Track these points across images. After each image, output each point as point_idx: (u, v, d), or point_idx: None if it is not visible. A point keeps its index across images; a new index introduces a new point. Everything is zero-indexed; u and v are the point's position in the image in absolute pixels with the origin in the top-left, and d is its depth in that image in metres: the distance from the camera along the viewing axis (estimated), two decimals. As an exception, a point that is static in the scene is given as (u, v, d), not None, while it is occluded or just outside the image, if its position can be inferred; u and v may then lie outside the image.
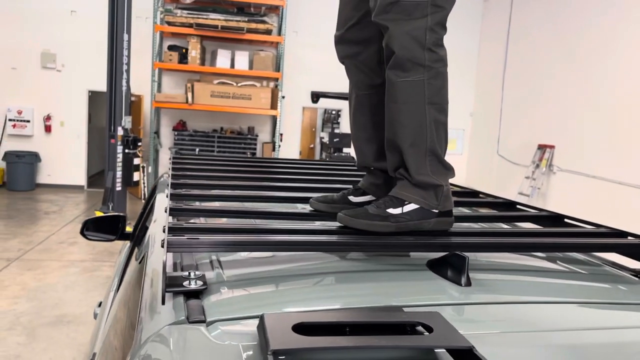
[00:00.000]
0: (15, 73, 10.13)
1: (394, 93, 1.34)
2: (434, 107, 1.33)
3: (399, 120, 1.34)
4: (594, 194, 7.75)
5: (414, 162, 1.34)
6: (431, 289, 1.07)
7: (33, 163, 10.24)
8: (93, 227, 2.95)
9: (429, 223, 1.31)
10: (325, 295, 1.04)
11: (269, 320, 0.74)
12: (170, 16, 9.67)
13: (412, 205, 1.31)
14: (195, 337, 0.81)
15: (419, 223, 1.30)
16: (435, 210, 1.32)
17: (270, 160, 2.84)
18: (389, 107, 1.37)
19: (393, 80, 1.33)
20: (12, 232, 7.34)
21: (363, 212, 1.29)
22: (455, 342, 0.71)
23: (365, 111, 1.55)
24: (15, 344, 4.16)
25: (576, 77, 8.27)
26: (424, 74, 1.31)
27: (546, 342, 0.89)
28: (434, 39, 1.32)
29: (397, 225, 1.27)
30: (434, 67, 1.32)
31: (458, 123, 11.41)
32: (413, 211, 1.30)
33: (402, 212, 1.30)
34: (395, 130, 1.35)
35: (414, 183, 1.33)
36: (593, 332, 0.94)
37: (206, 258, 1.19)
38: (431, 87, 1.32)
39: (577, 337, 0.91)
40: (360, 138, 1.58)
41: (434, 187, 1.33)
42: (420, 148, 1.33)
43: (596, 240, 1.35)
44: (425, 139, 1.33)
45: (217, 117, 10.64)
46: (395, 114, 1.35)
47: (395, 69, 1.33)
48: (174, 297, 0.97)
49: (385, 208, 1.29)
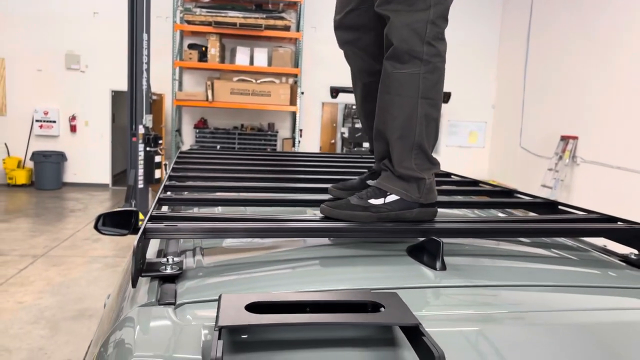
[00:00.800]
0: (41, 75, 10.37)
1: (388, 84, 1.34)
2: (427, 101, 1.33)
3: (389, 111, 1.34)
4: (619, 185, 7.58)
5: (399, 154, 1.34)
6: (405, 274, 1.08)
7: (59, 162, 10.48)
8: (106, 221, 3.03)
9: (411, 213, 1.31)
10: (300, 281, 1.06)
11: (224, 300, 0.77)
12: (190, 15, 9.78)
13: (393, 196, 1.31)
14: (161, 318, 0.84)
15: (400, 213, 1.31)
16: (417, 202, 1.33)
17: (276, 154, 2.86)
18: (382, 97, 1.37)
19: (389, 71, 1.33)
20: (39, 230, 7.54)
21: (345, 202, 1.30)
22: (404, 320, 0.72)
23: (372, 99, 1.53)
24: (39, 337, 4.29)
25: (598, 66, 8.09)
26: (421, 68, 1.30)
27: (513, 321, 0.89)
28: (434, 32, 1.31)
29: (378, 215, 1.28)
30: (431, 61, 1.31)
31: (480, 115, 11.28)
32: (394, 202, 1.31)
33: (384, 202, 1.30)
34: (385, 121, 1.35)
35: (397, 175, 1.33)
36: (566, 313, 0.94)
37: (190, 246, 1.22)
38: (426, 81, 1.31)
39: (547, 317, 0.92)
40: (370, 126, 1.58)
41: (417, 180, 1.33)
42: (407, 141, 1.33)
43: (582, 225, 1.34)
44: (414, 133, 1.32)
45: (238, 114, 10.73)
46: (387, 104, 1.35)
47: (392, 59, 1.32)
48: (151, 281, 1.01)
49: (367, 199, 1.30)
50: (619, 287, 1.11)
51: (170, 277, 1.00)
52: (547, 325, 0.88)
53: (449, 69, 1.40)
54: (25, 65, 10.29)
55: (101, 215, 3.24)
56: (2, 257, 6.18)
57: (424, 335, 0.69)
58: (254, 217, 1.23)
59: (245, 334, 0.77)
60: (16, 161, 10.42)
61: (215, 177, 1.84)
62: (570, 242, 1.38)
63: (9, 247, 6.59)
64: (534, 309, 0.95)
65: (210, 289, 1.00)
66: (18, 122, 10.43)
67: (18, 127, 10.43)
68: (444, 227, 1.23)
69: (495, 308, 0.96)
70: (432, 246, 1.10)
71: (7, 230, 7.39)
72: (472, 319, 0.90)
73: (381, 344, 0.77)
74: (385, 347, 0.76)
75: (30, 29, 10.20)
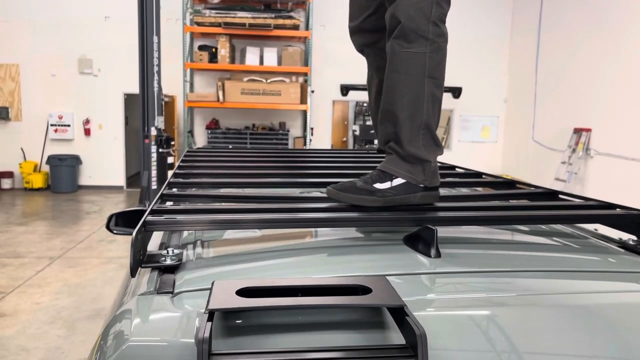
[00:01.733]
0: (54, 80, 10.52)
1: (396, 62, 1.36)
2: (433, 81, 1.36)
3: (398, 89, 1.36)
4: (634, 177, 7.50)
5: (408, 133, 1.35)
6: (399, 262, 1.10)
7: (74, 166, 10.63)
8: (118, 221, 3.09)
9: (415, 197, 1.33)
10: (296, 270, 1.09)
11: (217, 285, 0.79)
12: (199, 16, 9.85)
13: (399, 179, 1.33)
14: (158, 305, 0.87)
15: (405, 197, 1.32)
16: (422, 185, 1.34)
17: (283, 151, 2.89)
18: (390, 77, 1.39)
19: (396, 50, 1.36)
20: (56, 232, 7.65)
21: (351, 185, 1.31)
22: (389, 301, 0.74)
23: None
24: (56, 336, 4.37)
25: (610, 57, 8.01)
26: (427, 47, 1.34)
27: (505, 305, 0.90)
28: (439, 13, 1.35)
29: (384, 199, 1.30)
30: (436, 41, 1.35)
31: (492, 110, 11.21)
32: (399, 186, 1.33)
33: (390, 186, 1.32)
34: (394, 100, 1.37)
35: (403, 156, 1.35)
36: (560, 297, 0.95)
37: (191, 239, 1.25)
38: (432, 60, 1.34)
39: (541, 300, 0.93)
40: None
41: (422, 162, 1.35)
42: (416, 120, 1.35)
43: (579, 212, 1.34)
44: (422, 111, 1.35)
45: (249, 114, 10.79)
46: (395, 83, 1.37)
47: (399, 38, 1.35)
48: (151, 272, 1.04)
49: (372, 183, 1.32)
50: (615, 272, 1.11)
51: (169, 268, 1.03)
52: (541, 308, 0.89)
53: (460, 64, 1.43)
54: (39, 70, 10.45)
55: (113, 215, 3.31)
56: (20, 259, 6.29)
57: (408, 315, 0.71)
58: (253, 209, 1.26)
59: (239, 319, 0.79)
60: (32, 165, 10.58)
61: (220, 174, 1.87)
62: (568, 230, 1.39)
63: (27, 249, 6.71)
64: (527, 293, 0.96)
65: (208, 278, 1.02)
66: (33, 126, 10.60)
67: (33, 131, 10.60)
68: (440, 216, 1.25)
69: (488, 293, 0.97)
70: (427, 234, 1.11)
71: (25, 233, 7.52)
72: (463, 303, 0.91)
73: (370, 327, 0.79)
74: (374, 330, 0.78)
75: (43, 34, 10.35)
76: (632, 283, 1.06)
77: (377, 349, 0.69)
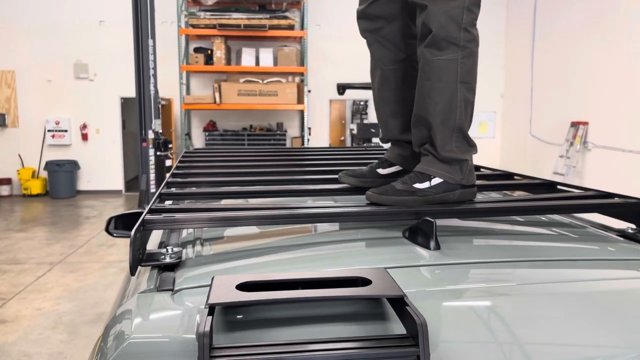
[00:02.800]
0: (50, 85, 10.51)
1: (429, 71, 1.38)
2: (465, 85, 1.38)
3: (431, 97, 1.38)
4: (632, 168, 7.51)
5: (442, 138, 1.38)
6: (399, 255, 1.10)
7: (73, 171, 10.61)
8: (117, 224, 3.09)
9: (454, 194, 1.36)
10: (296, 265, 1.08)
11: (217, 280, 0.79)
12: (194, 19, 9.84)
13: (437, 179, 1.35)
14: (159, 303, 0.87)
15: (444, 195, 1.35)
16: (460, 183, 1.37)
17: (281, 150, 2.88)
18: (422, 84, 1.40)
19: (428, 58, 1.37)
20: (55, 238, 7.65)
21: (390, 188, 1.33)
22: (389, 292, 0.74)
23: (392, 85, 1.58)
24: (58, 341, 4.36)
25: (606, 50, 8.02)
26: (458, 53, 1.35)
27: (505, 294, 0.90)
28: (470, 18, 1.36)
29: (424, 199, 1.32)
30: (468, 46, 1.36)
31: (489, 106, 11.21)
32: (438, 185, 1.35)
33: (429, 186, 1.34)
34: (427, 107, 1.39)
35: (440, 159, 1.37)
36: (561, 285, 0.96)
37: (191, 237, 1.25)
38: (464, 66, 1.36)
39: (541, 289, 0.93)
40: (385, 112, 1.62)
41: (459, 162, 1.38)
42: (449, 125, 1.37)
43: (577, 202, 1.34)
44: (455, 116, 1.37)
45: (246, 115, 10.78)
46: (428, 91, 1.39)
47: (431, 47, 1.36)
48: (151, 270, 1.04)
49: (411, 183, 1.34)
50: (615, 260, 1.11)
51: (169, 266, 1.03)
52: (541, 297, 0.89)
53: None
54: (35, 76, 10.43)
55: (112, 217, 3.31)
56: (20, 265, 6.29)
57: (408, 305, 0.71)
58: (252, 207, 1.26)
59: (239, 314, 0.79)
60: (30, 171, 10.57)
61: (217, 173, 1.86)
62: (567, 220, 1.39)
63: (27, 255, 6.70)
64: (527, 282, 0.96)
65: (208, 275, 1.02)
66: (30, 132, 10.59)
67: (31, 137, 10.59)
68: (439, 209, 1.25)
69: (488, 283, 0.97)
70: (426, 226, 1.11)
71: (25, 239, 7.51)
72: (463, 294, 0.91)
73: (371, 318, 0.79)
74: (375, 321, 0.78)
75: (38, 40, 10.33)
76: (632, 270, 1.06)
77: (377, 339, 0.69)
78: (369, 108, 11.64)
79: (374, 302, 0.81)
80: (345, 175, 1.53)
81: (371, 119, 11.32)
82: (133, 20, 7.21)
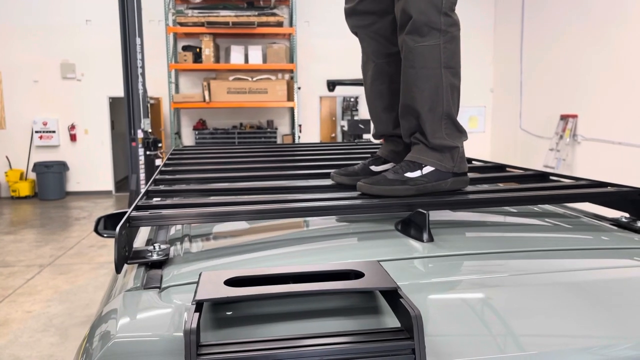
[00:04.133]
0: (37, 86, 10.40)
1: (412, 58, 1.36)
2: (450, 70, 1.37)
3: (417, 85, 1.37)
4: (621, 160, 7.55)
5: (431, 125, 1.36)
6: (392, 248, 1.08)
7: (61, 172, 10.51)
8: (106, 224, 3.06)
9: (446, 183, 1.34)
10: (286, 261, 1.06)
11: (204, 276, 0.77)
12: (182, 17, 9.77)
13: (428, 167, 1.34)
14: (145, 301, 0.84)
15: (437, 184, 1.33)
16: (451, 171, 1.35)
17: (273, 146, 2.86)
18: (407, 73, 1.39)
19: (411, 46, 1.36)
20: (45, 240, 7.57)
21: (382, 178, 1.32)
22: (382, 284, 0.72)
23: (385, 79, 1.57)
24: (49, 344, 4.31)
25: (594, 43, 8.04)
26: (440, 39, 1.34)
27: (500, 285, 0.89)
28: (449, 3, 1.35)
29: (416, 187, 1.30)
30: (449, 31, 1.35)
31: (479, 100, 11.24)
32: (430, 173, 1.33)
33: (421, 174, 1.32)
34: (413, 95, 1.38)
35: (431, 147, 1.36)
36: (556, 275, 0.94)
37: (179, 234, 1.22)
38: (447, 51, 1.35)
39: (537, 279, 0.91)
40: (379, 107, 1.60)
41: (450, 150, 1.36)
42: (437, 112, 1.36)
43: (570, 191, 1.33)
44: (442, 102, 1.36)
45: (236, 113, 10.73)
46: (413, 78, 1.37)
47: (412, 34, 1.35)
48: (138, 268, 1.01)
49: (403, 172, 1.32)
50: (610, 249, 1.10)
51: (156, 264, 1.00)
52: (536, 287, 0.88)
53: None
54: (21, 77, 10.31)
55: (101, 218, 3.27)
56: (9, 268, 6.21)
57: (402, 297, 0.69)
58: (241, 201, 1.23)
59: (229, 310, 0.77)
60: (18, 173, 10.45)
61: (206, 170, 1.84)
62: (561, 211, 1.38)
63: (16, 258, 6.62)
64: (522, 273, 0.95)
65: (196, 272, 1.00)
66: (18, 134, 10.47)
67: (18, 139, 10.47)
68: (431, 200, 1.23)
69: (483, 274, 0.96)
70: (418, 219, 1.09)
71: (13, 242, 7.43)
72: (458, 286, 0.90)
73: (364, 312, 0.77)
74: (368, 315, 0.76)
75: (23, 40, 10.22)
76: (628, 259, 1.05)
77: (371, 332, 0.67)
78: (360, 104, 11.63)
79: (367, 295, 0.79)
80: (337, 175, 1.51)
81: (362, 115, 11.30)
82: (120, 19, 7.14)
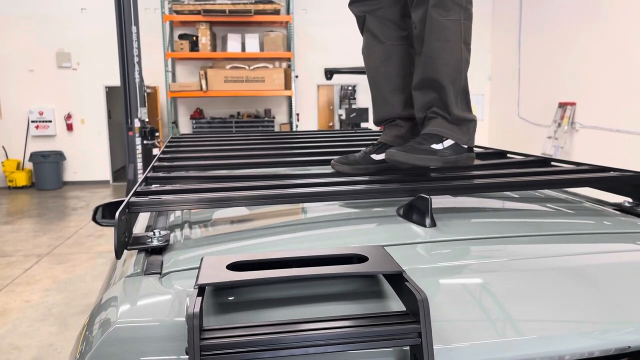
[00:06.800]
0: (33, 75, 10.32)
1: (437, 31, 1.38)
2: (467, 47, 1.40)
3: (441, 57, 1.38)
4: (619, 148, 7.55)
5: (453, 98, 1.38)
6: (394, 233, 1.07)
7: (58, 162, 10.47)
8: (104, 213, 3.04)
9: (462, 158, 1.36)
10: (289, 247, 1.05)
11: (206, 261, 0.76)
12: (178, 5, 9.69)
13: (449, 141, 1.35)
14: (145, 286, 0.83)
15: (457, 158, 1.35)
16: (465, 145, 1.37)
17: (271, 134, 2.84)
18: (431, 45, 1.39)
19: (437, 19, 1.37)
20: (42, 229, 7.55)
21: (411, 147, 1.32)
22: (387, 268, 0.71)
23: (394, 61, 1.57)
24: (47, 333, 4.31)
25: (592, 30, 8.01)
26: (461, 14, 1.38)
27: (503, 269, 0.88)
28: None
29: (443, 159, 1.32)
30: (468, 8, 1.39)
31: (477, 88, 11.19)
32: (450, 147, 1.35)
33: (443, 147, 1.34)
34: (437, 67, 1.39)
35: (451, 119, 1.37)
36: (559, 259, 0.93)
37: (178, 220, 1.21)
38: (465, 27, 1.39)
39: (540, 263, 0.91)
40: (386, 89, 1.59)
41: (467, 123, 1.39)
42: (457, 85, 1.39)
43: (573, 176, 1.32)
44: (462, 76, 1.40)
45: (234, 102, 10.68)
46: (437, 51, 1.39)
47: (438, 7, 1.37)
48: (138, 254, 1.00)
49: (428, 144, 1.33)
50: (613, 233, 1.09)
51: (157, 250, 0.99)
52: (539, 271, 0.87)
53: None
54: (16, 66, 10.24)
55: (99, 206, 3.25)
56: (7, 258, 6.20)
57: (407, 281, 0.68)
58: (241, 187, 1.22)
59: (231, 295, 0.76)
60: (15, 163, 10.41)
61: (205, 157, 1.82)
62: (563, 196, 1.37)
63: (14, 247, 6.61)
64: (525, 257, 0.94)
65: (197, 258, 0.99)
66: (14, 124, 10.41)
67: (14, 129, 10.41)
68: (433, 185, 1.22)
69: (486, 259, 0.95)
70: (421, 204, 1.08)
71: (11, 231, 7.41)
72: (461, 270, 0.89)
73: (368, 296, 0.76)
74: (372, 299, 0.75)
75: (18, 29, 10.13)
76: (631, 243, 1.04)
77: (376, 316, 0.66)
78: (357, 93, 11.57)
79: (371, 279, 0.78)
80: (338, 163, 1.48)
81: (359, 104, 11.26)
82: (115, 7, 7.08)
